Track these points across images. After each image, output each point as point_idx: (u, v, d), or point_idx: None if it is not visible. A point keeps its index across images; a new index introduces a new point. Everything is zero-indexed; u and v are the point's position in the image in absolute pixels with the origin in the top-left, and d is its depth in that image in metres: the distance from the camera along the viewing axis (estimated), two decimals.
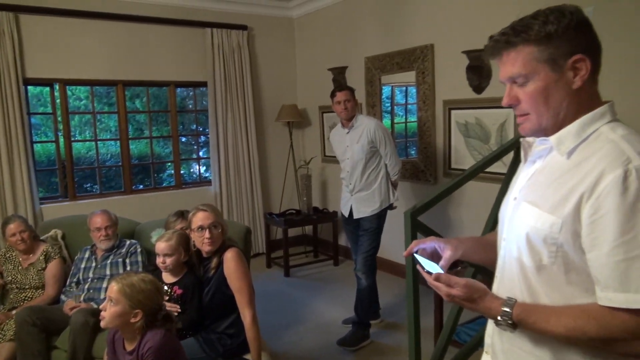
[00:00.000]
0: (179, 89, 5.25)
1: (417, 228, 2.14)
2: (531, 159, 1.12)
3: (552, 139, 1.03)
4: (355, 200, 3.51)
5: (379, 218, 3.47)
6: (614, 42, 2.86)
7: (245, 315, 2.25)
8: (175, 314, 2.33)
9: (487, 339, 1.20)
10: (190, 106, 5.52)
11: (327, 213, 5.19)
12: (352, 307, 3.51)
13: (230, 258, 2.31)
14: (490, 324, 1.17)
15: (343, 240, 5.19)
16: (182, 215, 2.81)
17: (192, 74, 5.10)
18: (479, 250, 1.28)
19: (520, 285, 1.07)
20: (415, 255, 1.19)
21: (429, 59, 4.00)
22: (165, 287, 2.43)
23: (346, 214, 3.61)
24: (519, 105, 1.05)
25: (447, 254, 1.22)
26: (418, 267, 1.17)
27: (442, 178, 4.10)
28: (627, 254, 0.88)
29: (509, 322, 1.01)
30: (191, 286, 2.43)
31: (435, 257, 1.28)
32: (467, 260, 1.31)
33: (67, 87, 4.59)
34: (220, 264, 2.35)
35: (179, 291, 2.43)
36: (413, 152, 4.47)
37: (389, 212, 3.58)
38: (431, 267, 1.14)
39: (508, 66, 1.04)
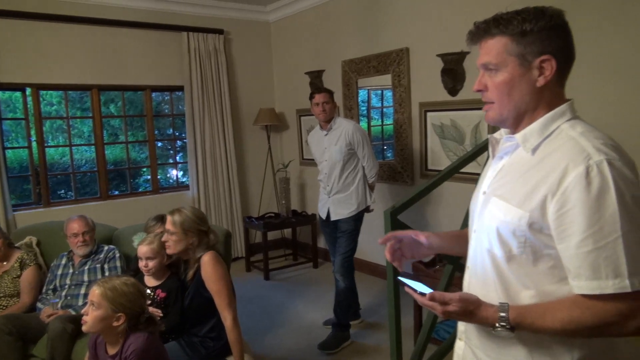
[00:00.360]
0: (154, 93, 5.21)
1: (396, 227, 2.18)
2: (499, 155, 1.17)
3: (518, 136, 1.09)
4: (332, 202, 3.54)
5: (356, 220, 3.50)
6: (583, 41, 2.98)
7: (226, 318, 2.25)
8: (158, 318, 2.32)
9: (461, 326, 1.24)
10: (167, 111, 5.48)
11: (305, 216, 5.22)
12: (332, 308, 3.53)
13: (206, 262, 2.30)
14: None
15: (322, 243, 5.21)
16: (161, 219, 2.80)
17: (168, 78, 5.07)
18: (455, 242, 1.33)
19: (492, 275, 1.11)
20: (400, 278, 1.18)
21: (405, 62, 4.07)
22: (148, 291, 2.42)
23: (324, 216, 3.63)
24: (486, 92, 1.11)
25: (422, 238, 1.29)
26: (407, 289, 1.13)
27: (419, 179, 4.17)
28: (596, 244, 0.94)
29: (507, 327, 1.02)
30: (174, 289, 2.42)
31: (413, 246, 1.32)
32: (444, 253, 1.35)
33: (40, 92, 4.51)
34: (198, 267, 2.35)
35: (162, 294, 2.42)
36: (390, 154, 4.54)
37: (367, 213, 3.62)
38: (420, 288, 1.11)
39: (484, 53, 1.10)
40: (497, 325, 1.02)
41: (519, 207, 1.03)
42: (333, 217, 3.54)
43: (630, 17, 2.73)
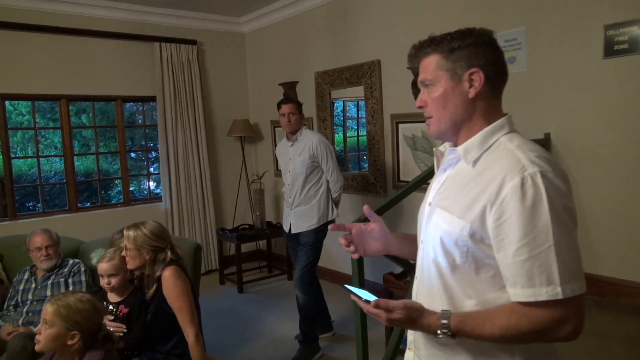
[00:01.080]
0: (127, 104, 5.15)
1: None
2: (442, 167, 1.22)
3: (459, 149, 1.13)
4: (294, 214, 3.51)
5: (317, 233, 3.46)
6: (544, 56, 3.04)
7: (188, 334, 2.20)
8: (121, 334, 2.26)
9: (410, 337, 1.27)
10: (140, 121, 5.41)
11: (280, 227, 5.15)
12: None
13: (167, 277, 2.25)
14: None
15: None
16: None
17: (140, 88, 5.02)
18: (406, 243, 1.37)
19: (437, 284, 1.14)
20: (347, 286, 1.17)
21: (376, 75, 4.10)
22: (110, 307, 2.37)
23: (286, 229, 3.61)
24: (426, 108, 1.17)
25: (372, 224, 1.33)
26: (353, 297, 1.12)
27: (391, 190, 4.18)
28: (530, 253, 0.98)
29: (449, 333, 1.05)
30: (137, 304, 2.37)
31: (363, 239, 1.34)
32: (395, 253, 1.39)
33: (7, 102, 4.41)
34: (159, 283, 2.30)
35: (125, 310, 2.37)
36: (366, 165, 4.55)
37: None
38: (365, 295, 1.10)
39: (422, 71, 1.18)
40: (438, 332, 1.05)
41: (461, 218, 1.07)
42: (294, 230, 3.52)
43: (585, 35, 2.81)
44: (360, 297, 1.10)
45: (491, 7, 3.28)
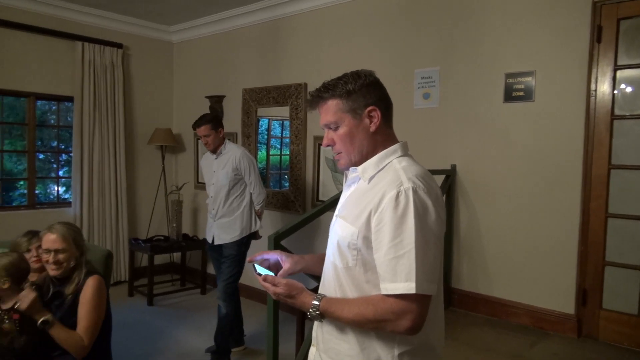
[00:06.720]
0: (40, 102, 4.88)
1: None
2: (347, 184, 1.39)
3: (359, 168, 1.31)
4: (217, 226, 3.56)
5: (240, 245, 3.52)
6: (454, 96, 3.36)
7: (80, 339, 2.17)
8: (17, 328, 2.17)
9: (313, 334, 1.41)
10: (52, 121, 5.14)
11: (196, 240, 5.12)
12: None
13: (91, 285, 2.23)
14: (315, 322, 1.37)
15: (211, 268, 5.13)
16: (35, 235, 2.62)
17: (57, 87, 4.79)
18: (320, 263, 1.47)
19: (334, 284, 1.31)
20: (254, 265, 1.38)
21: (302, 97, 4.26)
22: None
23: (210, 240, 3.64)
24: (334, 146, 1.33)
25: (285, 266, 1.46)
26: (255, 274, 1.36)
27: (310, 209, 4.31)
28: (396, 253, 1.15)
29: (317, 312, 1.25)
30: None
31: (279, 266, 1.49)
32: (311, 274, 1.52)
33: None
34: (78, 290, 2.24)
35: (16, 316, 2.26)
36: (287, 183, 4.66)
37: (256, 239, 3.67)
38: (264, 271, 1.37)
39: (323, 116, 1.32)
40: (310, 310, 1.26)
41: (352, 224, 1.24)
42: (217, 242, 3.56)
43: (489, 81, 3.16)
44: (259, 274, 1.34)
45: (411, 44, 3.57)
